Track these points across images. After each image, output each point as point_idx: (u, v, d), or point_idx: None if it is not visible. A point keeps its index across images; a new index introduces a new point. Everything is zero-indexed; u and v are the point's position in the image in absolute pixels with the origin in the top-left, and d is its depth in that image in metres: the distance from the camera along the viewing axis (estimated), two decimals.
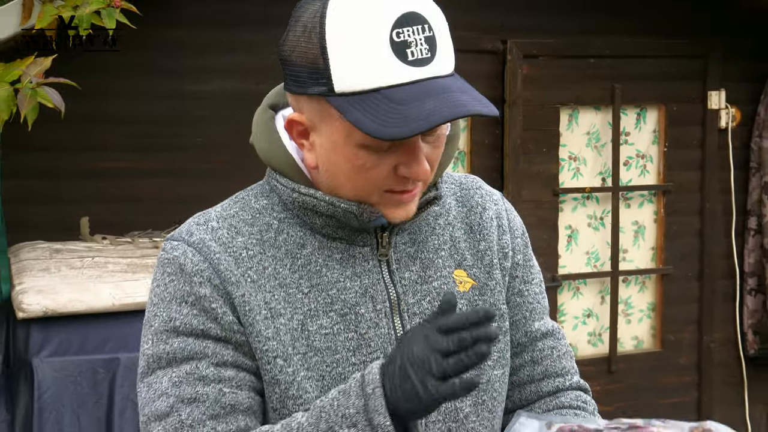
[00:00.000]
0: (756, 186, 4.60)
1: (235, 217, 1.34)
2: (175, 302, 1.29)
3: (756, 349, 4.67)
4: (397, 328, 1.34)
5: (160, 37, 3.70)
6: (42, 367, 2.83)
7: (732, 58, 4.58)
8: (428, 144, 1.26)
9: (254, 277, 1.30)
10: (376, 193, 1.28)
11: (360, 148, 1.24)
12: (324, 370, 1.30)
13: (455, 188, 1.47)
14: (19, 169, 3.50)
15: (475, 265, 1.42)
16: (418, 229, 1.39)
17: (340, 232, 1.33)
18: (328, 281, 1.32)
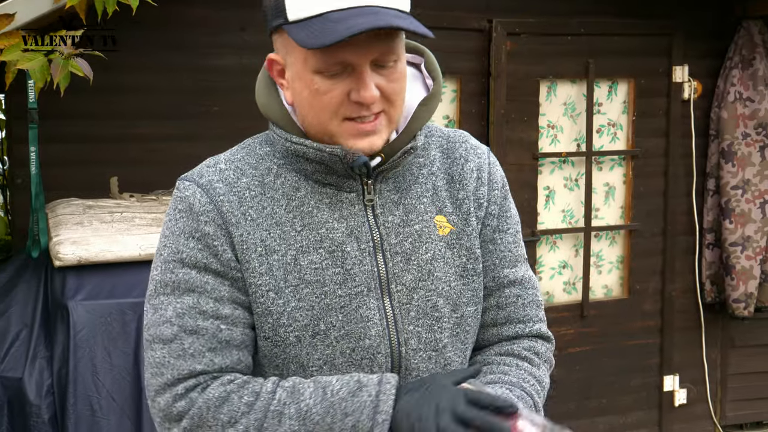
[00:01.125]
0: (714, 151, 4.59)
1: (241, 161, 1.36)
2: (183, 236, 1.31)
3: (713, 297, 4.69)
4: (380, 264, 1.34)
5: (180, 15, 3.68)
6: (77, 309, 2.84)
7: (694, 37, 4.55)
8: (381, 75, 1.26)
9: (254, 215, 1.31)
10: (335, 120, 1.28)
11: (315, 74, 1.25)
12: (313, 301, 1.30)
13: (443, 141, 1.46)
14: (55, 135, 3.49)
15: (454, 212, 1.41)
16: (402, 177, 1.39)
17: (330, 178, 1.33)
18: (318, 221, 1.32)
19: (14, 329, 2.97)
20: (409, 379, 1.34)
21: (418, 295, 1.35)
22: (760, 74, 4.46)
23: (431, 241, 1.37)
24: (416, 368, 1.35)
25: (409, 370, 1.35)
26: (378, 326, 1.33)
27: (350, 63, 1.24)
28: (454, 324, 1.38)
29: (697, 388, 4.78)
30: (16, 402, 2.88)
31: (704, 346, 4.75)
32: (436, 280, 1.37)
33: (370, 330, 1.33)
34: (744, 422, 4.95)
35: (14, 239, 3.66)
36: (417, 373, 1.35)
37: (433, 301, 1.36)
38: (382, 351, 1.33)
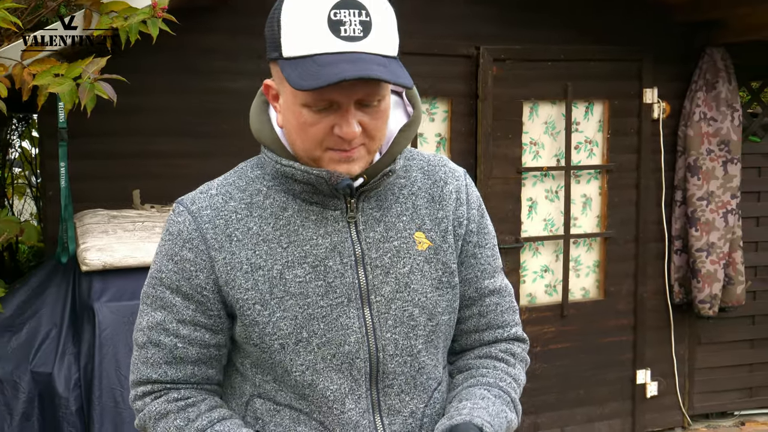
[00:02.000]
0: (681, 166, 4.60)
1: (231, 185, 1.36)
2: (166, 257, 1.34)
3: (681, 298, 4.69)
4: (361, 277, 1.34)
5: (196, 43, 3.69)
6: (102, 310, 2.85)
7: (663, 62, 4.57)
8: (365, 113, 1.26)
9: (239, 236, 1.31)
10: (319, 149, 1.28)
11: (303, 107, 1.25)
12: (297, 311, 1.31)
13: (423, 164, 1.45)
14: (83, 152, 3.50)
15: (432, 229, 1.40)
16: (384, 197, 1.38)
17: (316, 198, 1.33)
18: (304, 238, 1.32)
19: (45, 328, 2.97)
20: (387, 382, 1.35)
21: (396, 305, 1.35)
22: (723, 96, 4.47)
23: (409, 255, 1.37)
24: (392, 372, 1.35)
25: (386, 373, 1.35)
26: (357, 333, 1.33)
27: (336, 101, 1.24)
28: (429, 332, 1.38)
29: (667, 381, 4.77)
30: (46, 395, 2.88)
31: (673, 343, 4.75)
32: (412, 292, 1.36)
33: (349, 337, 1.32)
34: (710, 412, 4.94)
35: (46, 246, 3.66)
36: (393, 376, 1.36)
37: (410, 311, 1.36)
38: (360, 356, 1.33)
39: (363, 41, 1.20)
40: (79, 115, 2.82)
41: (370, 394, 1.35)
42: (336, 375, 1.32)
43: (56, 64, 2.68)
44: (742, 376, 4.96)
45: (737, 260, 4.61)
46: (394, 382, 1.36)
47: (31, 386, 2.88)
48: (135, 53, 3.23)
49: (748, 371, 4.97)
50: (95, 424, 2.79)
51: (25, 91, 2.66)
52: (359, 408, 1.34)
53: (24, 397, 2.87)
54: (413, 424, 1.38)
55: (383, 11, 1.24)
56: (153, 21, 2.80)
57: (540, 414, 4.51)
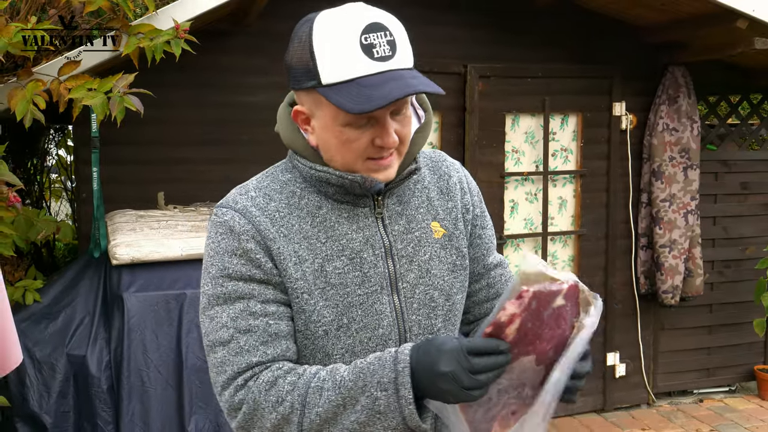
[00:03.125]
0: (647, 171, 4.60)
1: (267, 188, 1.33)
2: (227, 254, 1.27)
3: (646, 289, 4.68)
4: (389, 266, 1.33)
5: (215, 61, 3.69)
6: (130, 299, 2.84)
7: (630, 79, 4.56)
8: (397, 122, 1.25)
9: (285, 232, 1.28)
10: (359, 161, 1.27)
11: (344, 126, 1.24)
12: (338, 300, 1.29)
13: (427, 161, 1.46)
14: (113, 158, 3.50)
15: (445, 218, 1.41)
16: (403, 192, 1.38)
17: (347, 197, 1.32)
18: (340, 233, 1.31)
19: (79, 316, 2.96)
20: None
21: (419, 290, 1.35)
22: (683, 109, 4.47)
23: (428, 244, 1.37)
24: None
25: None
26: (389, 318, 1.32)
27: (375, 117, 1.23)
28: (447, 311, 1.38)
29: (634, 363, 4.77)
30: (80, 375, 2.87)
31: (639, 329, 4.74)
32: (432, 277, 1.36)
33: (383, 321, 1.31)
34: (672, 390, 4.94)
35: (80, 243, 3.65)
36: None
37: (430, 294, 1.36)
38: (392, 338, 1.32)
39: (393, 59, 1.20)
40: (110, 125, 2.81)
41: None
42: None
43: (89, 79, 2.67)
44: (700, 359, 4.95)
45: (696, 255, 4.60)
46: None
47: (66, 367, 2.87)
48: (160, 70, 3.22)
49: (706, 354, 4.97)
50: (124, 401, 2.78)
51: (62, 104, 2.64)
52: None
53: (60, 377, 2.86)
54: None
55: (399, 29, 1.24)
56: (176, 41, 2.79)
57: None
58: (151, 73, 3.04)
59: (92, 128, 3.09)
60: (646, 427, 4.49)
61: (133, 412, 2.77)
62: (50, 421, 2.84)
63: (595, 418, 4.63)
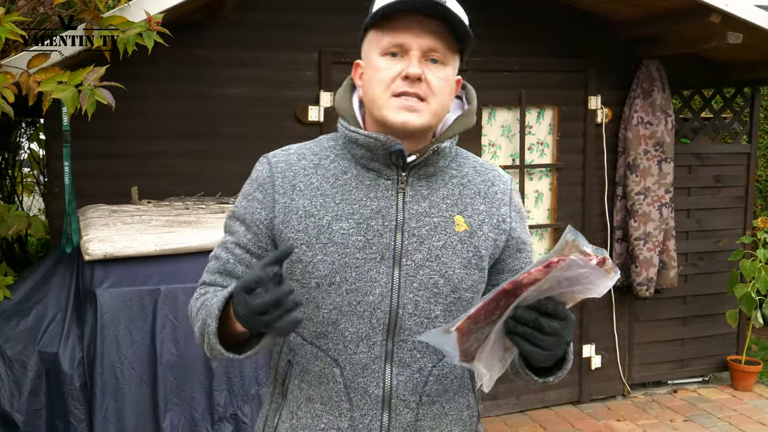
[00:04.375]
0: (622, 165, 4.62)
1: (308, 150, 1.44)
2: (243, 196, 1.45)
3: (621, 281, 4.70)
4: (397, 240, 1.36)
5: (189, 53, 3.64)
6: (103, 295, 2.79)
7: (605, 73, 4.58)
8: (429, 69, 1.33)
9: (302, 187, 1.39)
10: (386, 94, 1.34)
11: (379, 57, 1.34)
12: (335, 258, 1.35)
13: (476, 164, 1.48)
14: (86, 152, 3.44)
15: (472, 216, 1.41)
16: (435, 180, 1.41)
17: (373, 164, 1.38)
18: (355, 198, 1.37)
19: (51, 312, 2.91)
20: (402, 337, 1.36)
21: (423, 272, 1.36)
22: (658, 103, 4.49)
23: (446, 233, 1.38)
24: (409, 329, 1.36)
25: (403, 329, 1.36)
26: (383, 288, 1.35)
27: (404, 46, 1.31)
28: (450, 302, 1.38)
29: (609, 355, 4.80)
30: (52, 372, 2.82)
31: (615, 321, 4.78)
32: (441, 264, 1.37)
33: (375, 289, 1.35)
34: (647, 381, 4.99)
35: (52, 238, 3.59)
36: (408, 333, 1.36)
37: (435, 279, 1.36)
38: (382, 308, 1.35)
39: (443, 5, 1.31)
40: (83, 118, 2.76)
41: (386, 344, 1.36)
42: (357, 320, 1.35)
43: (59, 72, 2.61)
44: (674, 350, 5.00)
45: (670, 248, 4.64)
46: (409, 338, 1.36)
47: (38, 365, 2.82)
48: (134, 63, 3.17)
49: (680, 345, 5.02)
50: (97, 399, 2.74)
51: (31, 97, 2.59)
52: (372, 353, 1.36)
53: (32, 374, 2.81)
54: (419, 379, 1.38)
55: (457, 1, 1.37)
56: (148, 34, 2.73)
57: (498, 385, 4.48)
58: (123, 65, 2.99)
59: (63, 122, 3.03)
60: (621, 418, 4.53)
61: (106, 410, 2.73)
62: (21, 419, 2.78)
63: (571, 410, 4.66)
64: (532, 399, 4.63)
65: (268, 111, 3.80)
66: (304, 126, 3.87)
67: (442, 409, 1.42)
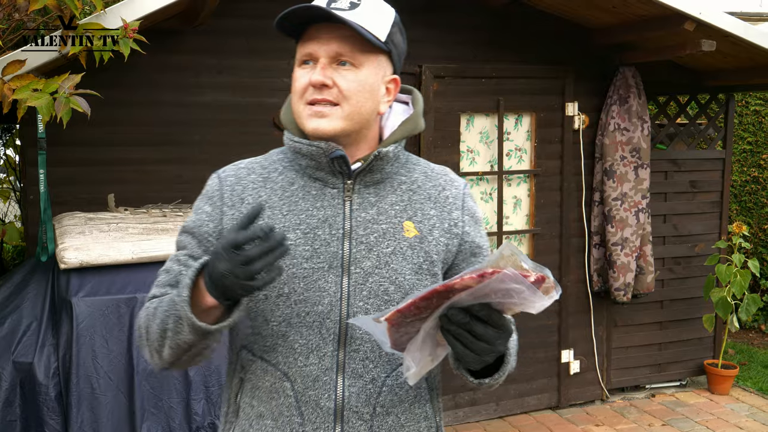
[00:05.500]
0: (599, 170, 4.67)
1: (257, 163, 1.45)
2: (193, 210, 1.44)
3: (599, 286, 4.76)
4: (345, 249, 1.36)
5: (165, 60, 3.63)
6: (79, 304, 2.77)
7: (582, 79, 4.63)
8: (339, 74, 1.32)
9: (250, 201, 1.38)
10: (301, 104, 1.35)
11: (297, 68, 1.36)
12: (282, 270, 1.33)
13: (427, 170, 1.48)
14: (62, 159, 3.43)
15: (422, 221, 1.41)
16: (383, 187, 1.41)
17: (319, 174, 1.38)
18: (301, 208, 1.37)
19: (26, 321, 2.89)
20: (353, 347, 1.35)
21: (373, 279, 1.35)
22: (634, 109, 4.55)
23: (395, 239, 1.37)
24: (360, 338, 1.35)
25: (354, 338, 1.35)
26: (332, 297, 1.34)
27: (312, 54, 1.32)
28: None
29: (588, 360, 4.84)
30: (27, 382, 2.80)
31: (593, 326, 4.82)
32: (391, 270, 1.36)
33: (324, 299, 1.33)
34: (625, 386, 5.03)
35: (27, 246, 3.56)
36: (360, 343, 1.34)
37: (385, 287, 1.35)
38: (331, 318, 1.34)
39: (345, 12, 1.29)
40: (59, 125, 2.75)
41: (337, 355, 1.34)
42: (306, 331, 1.33)
43: (35, 79, 2.60)
44: (652, 354, 5.05)
45: (647, 253, 4.69)
46: (360, 347, 1.35)
47: (13, 375, 2.80)
48: (111, 69, 3.17)
49: (658, 350, 5.07)
50: (73, 409, 2.72)
51: (6, 105, 2.58)
52: (323, 365, 1.34)
53: (6, 385, 2.79)
54: (372, 389, 1.36)
55: (377, 4, 1.34)
56: (125, 41, 2.73)
57: (477, 390, 4.53)
58: (99, 72, 2.99)
59: (39, 129, 3.02)
60: (599, 423, 4.57)
61: (82, 420, 2.72)
62: None
63: (549, 415, 4.69)
64: (511, 405, 4.66)
65: (245, 117, 3.80)
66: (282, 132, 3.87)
67: (398, 421, 1.39)
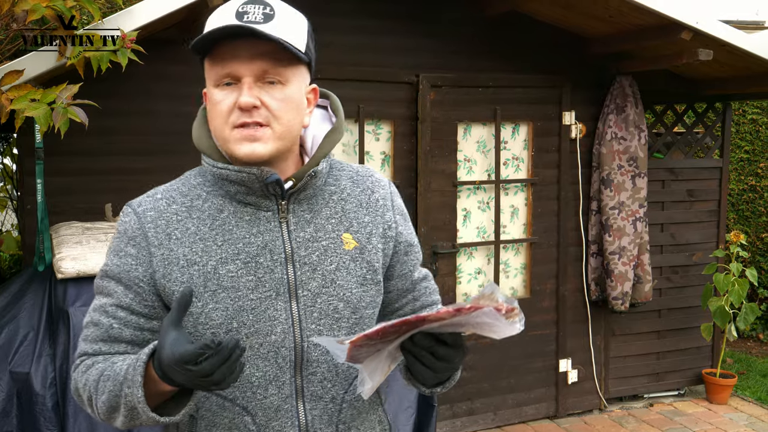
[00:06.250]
0: (596, 179, 4.68)
1: (175, 191, 1.35)
2: (113, 253, 1.33)
3: (597, 295, 4.77)
4: (290, 273, 1.32)
5: (163, 70, 3.64)
6: (76, 314, 2.78)
7: (579, 88, 4.65)
8: (267, 93, 1.26)
9: (178, 235, 1.30)
10: (227, 127, 1.27)
11: (214, 89, 1.28)
12: (228, 303, 1.28)
13: (352, 173, 1.45)
14: (59, 169, 3.43)
15: (359, 231, 1.39)
16: (315, 201, 1.37)
17: (250, 199, 1.31)
18: (237, 237, 1.30)
19: (23, 331, 2.89)
20: (310, 370, 1.33)
21: (321, 300, 1.32)
22: (631, 118, 4.57)
23: (336, 254, 1.35)
24: (316, 360, 1.33)
25: (310, 362, 1.33)
26: (283, 324, 1.30)
27: (234, 74, 1.25)
28: (353, 324, 1.36)
29: (586, 369, 4.84)
30: (24, 392, 2.80)
31: (591, 335, 4.82)
32: (338, 287, 1.34)
33: (276, 327, 1.30)
34: (623, 395, 5.03)
35: (25, 255, 3.57)
36: (316, 365, 1.33)
37: (334, 305, 1.33)
38: (286, 345, 1.31)
39: (261, 25, 1.23)
40: (56, 135, 2.76)
41: (294, 381, 1.32)
42: (262, 362, 1.30)
43: (32, 89, 2.61)
44: (650, 363, 5.05)
45: (645, 262, 4.70)
46: (317, 369, 1.33)
47: (9, 385, 2.80)
48: (108, 79, 3.18)
49: (656, 359, 5.07)
50: (70, 419, 2.72)
51: (3, 115, 2.59)
52: (282, 393, 1.32)
53: (3, 395, 2.78)
54: (333, 408, 1.36)
55: (290, 13, 1.28)
56: (123, 51, 2.75)
57: (475, 400, 4.53)
58: (96, 82, 3.00)
59: (36, 139, 3.03)
60: None
61: (79, 430, 2.71)
62: None
63: (548, 425, 4.69)
64: (509, 414, 4.66)
65: None
66: None
67: None
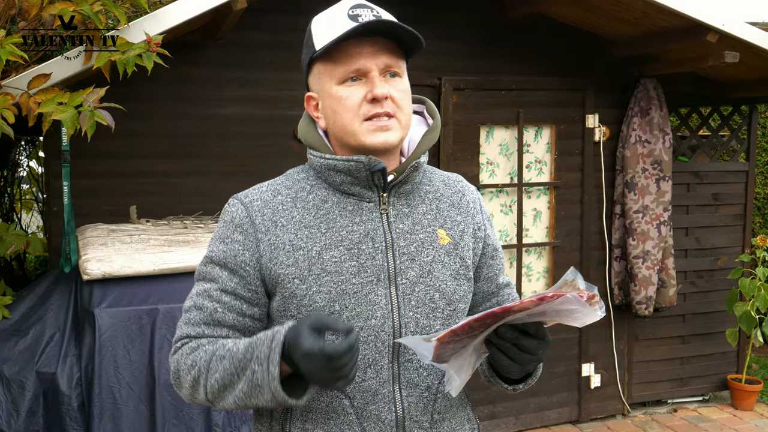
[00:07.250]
0: (620, 183, 4.65)
1: (280, 185, 1.42)
2: (218, 240, 1.39)
3: (620, 299, 4.73)
4: (389, 261, 1.37)
5: (188, 74, 3.67)
6: (101, 315, 2.80)
7: (603, 91, 4.62)
8: (390, 85, 1.34)
9: (284, 222, 1.36)
10: (356, 121, 1.34)
11: (338, 86, 1.34)
12: (331, 287, 1.33)
13: (444, 177, 1.52)
14: (85, 171, 3.47)
15: (452, 228, 1.45)
16: (412, 197, 1.43)
17: (353, 189, 1.38)
18: (341, 225, 1.36)
19: (49, 332, 2.93)
20: (407, 357, 1.37)
21: (419, 289, 1.37)
22: (655, 121, 4.53)
23: (432, 247, 1.40)
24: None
25: (407, 349, 1.36)
26: (383, 310, 1.34)
27: (362, 69, 1.32)
28: (447, 315, 1.39)
29: (609, 374, 4.81)
30: (50, 392, 2.83)
31: (614, 340, 4.79)
32: (434, 278, 1.38)
33: (376, 312, 1.34)
34: (647, 401, 4.98)
35: (51, 257, 3.61)
36: (412, 352, 1.36)
37: (431, 295, 1.38)
38: (385, 330, 1.34)
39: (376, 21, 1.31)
40: (83, 138, 2.79)
41: (392, 366, 1.35)
42: (362, 346, 1.34)
43: (59, 93, 2.64)
44: (674, 368, 5.00)
45: (669, 266, 4.66)
46: (413, 357, 1.36)
47: (36, 385, 2.83)
48: (133, 83, 3.21)
49: (680, 364, 5.02)
50: (95, 419, 2.75)
51: (31, 118, 2.62)
52: (380, 378, 1.35)
53: (30, 395, 2.82)
54: (428, 397, 1.38)
55: (382, 10, 1.37)
56: (148, 55, 2.77)
57: (497, 404, 4.52)
58: (122, 85, 3.03)
59: (63, 142, 3.07)
60: None
61: (104, 430, 2.74)
62: None
63: (570, 429, 4.65)
64: (531, 418, 4.63)
65: (266, 130, 3.83)
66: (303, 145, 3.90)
67: (451, 426, 1.42)
